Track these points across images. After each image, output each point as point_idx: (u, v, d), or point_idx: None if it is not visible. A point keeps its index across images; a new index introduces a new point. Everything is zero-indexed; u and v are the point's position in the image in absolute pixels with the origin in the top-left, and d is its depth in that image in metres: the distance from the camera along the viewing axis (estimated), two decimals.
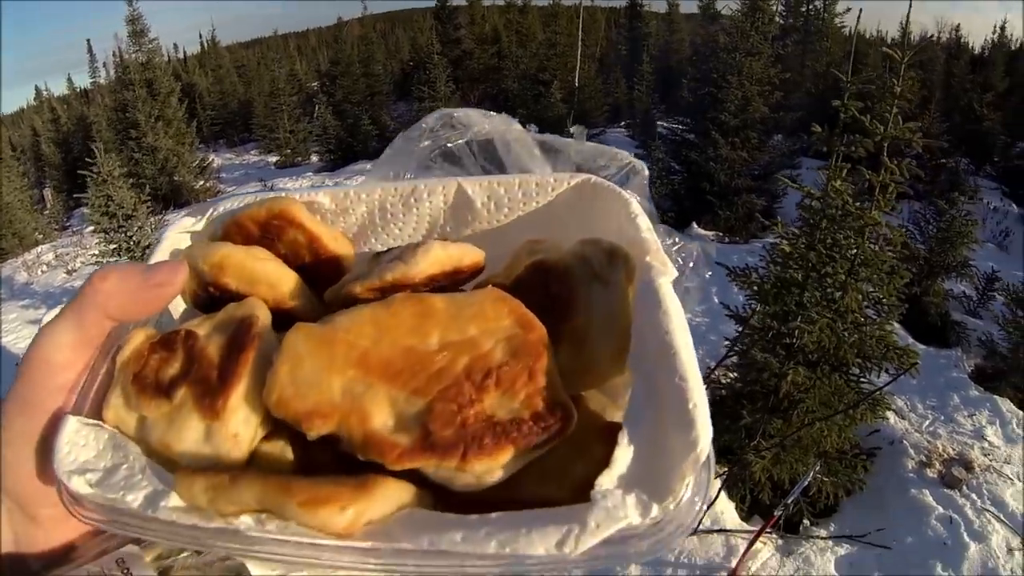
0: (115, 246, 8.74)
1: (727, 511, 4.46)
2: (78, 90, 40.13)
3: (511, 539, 0.34)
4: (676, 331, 0.40)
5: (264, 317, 0.46)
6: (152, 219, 9.68)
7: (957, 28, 27.21)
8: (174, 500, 0.39)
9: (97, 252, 9.24)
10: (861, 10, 5.15)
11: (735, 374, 4.83)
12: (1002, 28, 23.73)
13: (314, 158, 20.85)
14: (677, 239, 0.51)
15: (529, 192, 0.52)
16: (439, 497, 0.40)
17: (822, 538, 4.30)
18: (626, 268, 0.46)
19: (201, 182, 18.67)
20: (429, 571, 0.35)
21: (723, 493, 4.44)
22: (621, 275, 0.45)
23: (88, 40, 31.17)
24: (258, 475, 0.39)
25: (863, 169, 4.00)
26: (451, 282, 0.48)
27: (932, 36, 25.44)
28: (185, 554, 0.46)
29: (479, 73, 24.22)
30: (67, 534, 0.48)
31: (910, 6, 4.85)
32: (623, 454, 0.36)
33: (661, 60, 22.18)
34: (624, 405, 0.42)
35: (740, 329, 4.50)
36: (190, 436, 0.43)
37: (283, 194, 0.53)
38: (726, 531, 4.27)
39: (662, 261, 0.45)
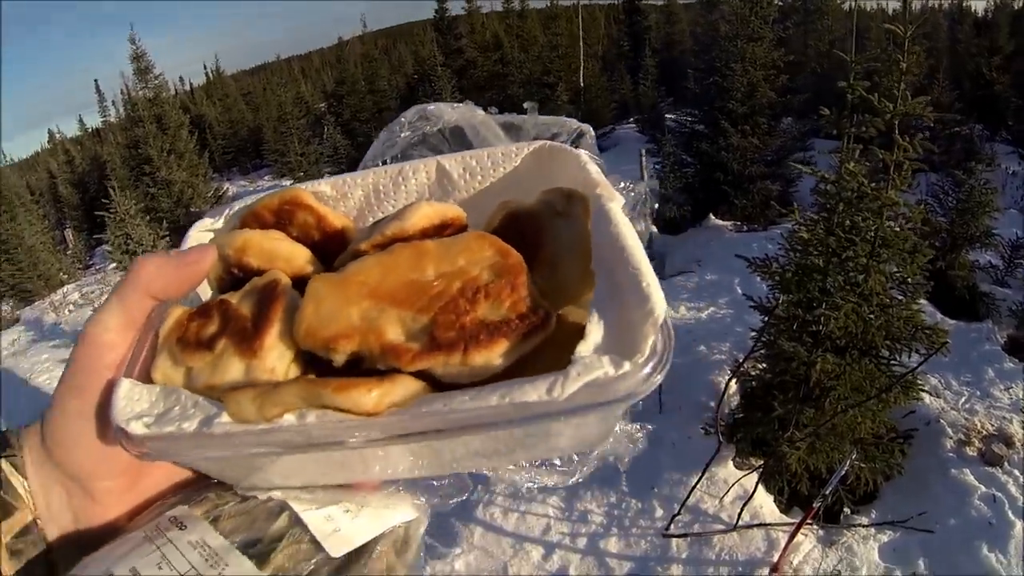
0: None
1: (766, 504, 4.40)
2: (90, 130, 40.81)
3: (509, 391, 0.41)
4: (627, 237, 0.49)
5: (285, 279, 0.54)
6: (172, 252, 9.77)
7: None
8: (225, 418, 0.45)
9: None
10: None
11: (764, 365, 4.78)
12: None
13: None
14: (628, 183, 0.58)
15: (496, 161, 0.62)
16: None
17: (863, 526, 4.23)
18: (583, 204, 0.54)
19: None
20: (446, 424, 0.43)
21: (760, 487, 4.39)
22: (579, 209, 0.54)
23: (96, 80, 31.65)
24: (297, 379, 0.47)
25: (876, 149, 3.95)
26: (439, 235, 0.55)
27: (933, 4, 25.16)
28: (230, 504, 0.50)
29: (484, 81, 24.25)
30: (123, 507, 0.53)
31: None
32: (595, 329, 0.43)
33: (664, 53, 22.17)
34: None
35: (765, 320, 4.45)
36: (232, 375, 0.48)
37: (289, 184, 0.63)
38: (766, 525, 4.22)
39: (609, 191, 0.54)
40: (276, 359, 0.49)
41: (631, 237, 0.49)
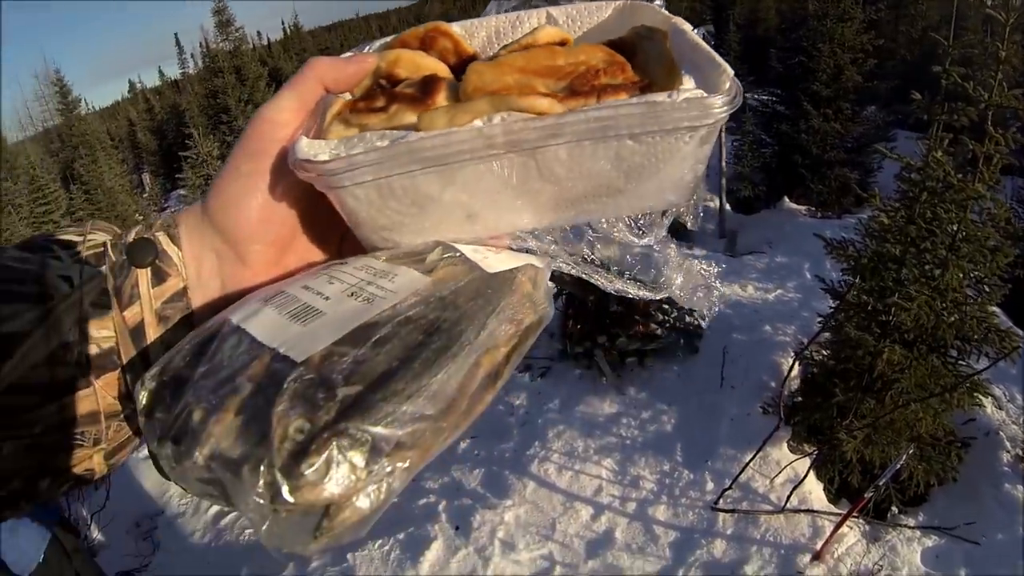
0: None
1: (815, 491, 4.38)
2: (169, 80, 41.87)
3: (642, 97, 0.51)
4: (698, 40, 0.60)
5: (445, 68, 0.61)
6: None
7: None
8: (416, 135, 0.49)
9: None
10: None
11: (827, 351, 4.72)
12: None
13: None
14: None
15: (592, 11, 0.73)
16: None
17: (910, 527, 4.17)
18: (662, 32, 0.62)
19: None
20: (599, 120, 0.50)
21: (812, 473, 4.37)
22: (660, 35, 0.62)
23: (175, 34, 32.51)
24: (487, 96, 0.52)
25: (966, 139, 3.82)
26: None
27: None
28: (382, 253, 0.56)
29: None
30: (269, 275, 0.57)
31: None
32: (688, 81, 0.53)
33: (747, 29, 21.47)
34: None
35: (834, 305, 4.38)
36: (409, 121, 0.53)
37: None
38: (813, 511, 4.20)
39: (679, 20, 0.65)
40: None
41: (702, 42, 0.59)
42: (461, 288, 0.49)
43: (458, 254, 0.53)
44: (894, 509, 4.33)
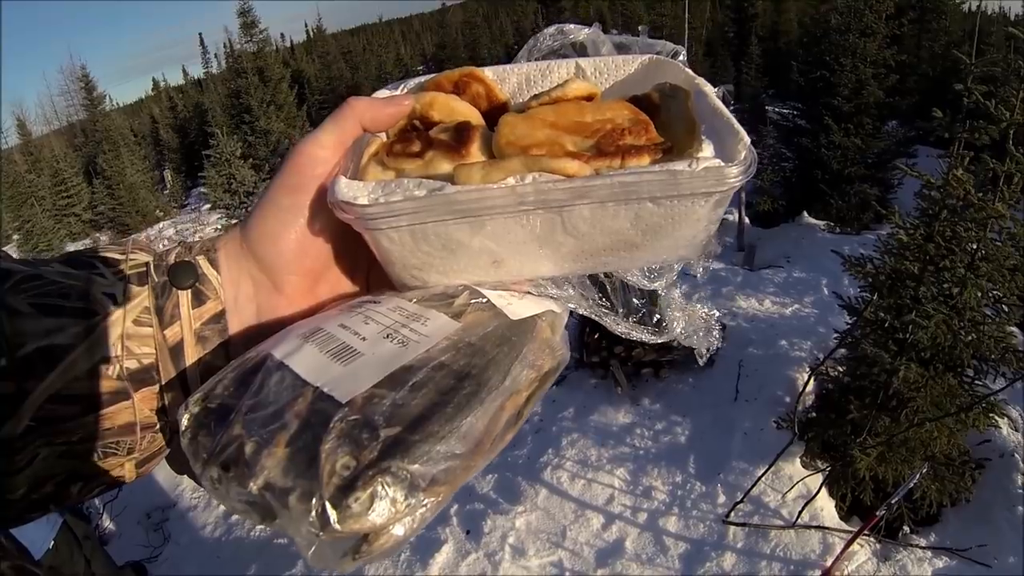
0: (236, 222, 9.18)
1: (827, 508, 4.37)
2: (192, 79, 42.27)
3: (664, 164, 0.54)
4: (720, 106, 0.62)
5: (478, 117, 0.64)
6: None
7: None
8: (452, 188, 0.52)
9: (220, 226, 9.78)
10: None
11: (843, 368, 4.70)
12: None
13: None
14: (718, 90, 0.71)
15: (619, 65, 0.76)
16: None
17: (921, 547, 4.14)
18: (685, 91, 0.65)
19: None
20: (623, 185, 0.53)
21: (824, 489, 4.35)
22: (683, 95, 0.64)
23: (200, 34, 32.91)
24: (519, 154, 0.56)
25: (987, 157, 3.81)
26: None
27: None
28: (412, 294, 0.59)
29: None
30: (303, 305, 0.60)
31: None
32: (706, 148, 0.55)
33: (769, 42, 21.43)
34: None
35: (850, 321, 4.37)
36: (445, 171, 0.57)
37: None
38: (824, 528, 4.19)
39: (703, 82, 0.67)
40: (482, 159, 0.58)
41: (722, 106, 0.62)
42: (488, 334, 0.53)
43: (484, 300, 0.57)
44: (906, 528, 4.30)
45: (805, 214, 10.28)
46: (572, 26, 0.82)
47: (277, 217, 0.57)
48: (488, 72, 0.73)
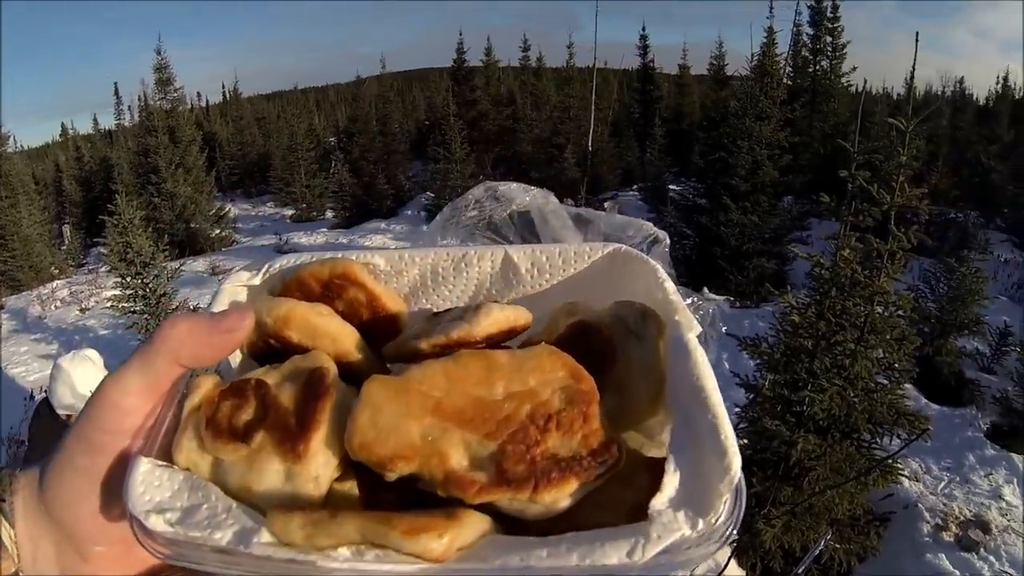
0: (131, 292, 8.80)
1: None
2: (102, 130, 40.92)
3: (589, 552, 0.40)
4: (704, 377, 0.47)
5: (333, 369, 0.50)
6: (168, 266, 9.77)
7: (961, 81, 27.96)
8: (265, 537, 0.42)
9: (112, 295, 9.29)
10: (865, 80, 5.23)
11: (745, 441, 4.81)
12: (1004, 79, 24.26)
13: (329, 214, 21.00)
14: (695, 299, 0.58)
15: (568, 259, 0.59)
16: (510, 526, 0.45)
17: None
18: (657, 325, 0.52)
19: (217, 231, 18.89)
20: None
21: (733, 561, 4.37)
22: (653, 331, 0.52)
23: (116, 83, 32.03)
24: (356, 511, 0.43)
25: (871, 238, 4.06)
26: (504, 340, 0.53)
27: (937, 91, 25.81)
28: None
29: (494, 135, 24.51)
30: (121, 570, 0.49)
31: (912, 72, 4.87)
32: (671, 480, 0.42)
33: (673, 123, 22.48)
34: (660, 442, 0.51)
35: (750, 397, 4.50)
36: (271, 478, 0.45)
37: (340, 255, 0.58)
38: None
39: (688, 319, 0.52)
40: (321, 466, 0.46)
41: (709, 378, 0.47)
42: None
43: None
44: None
45: (706, 290, 10.66)
46: (509, 188, 0.64)
47: (73, 482, 0.47)
48: (378, 258, 0.59)
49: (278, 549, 0.41)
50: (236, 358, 0.59)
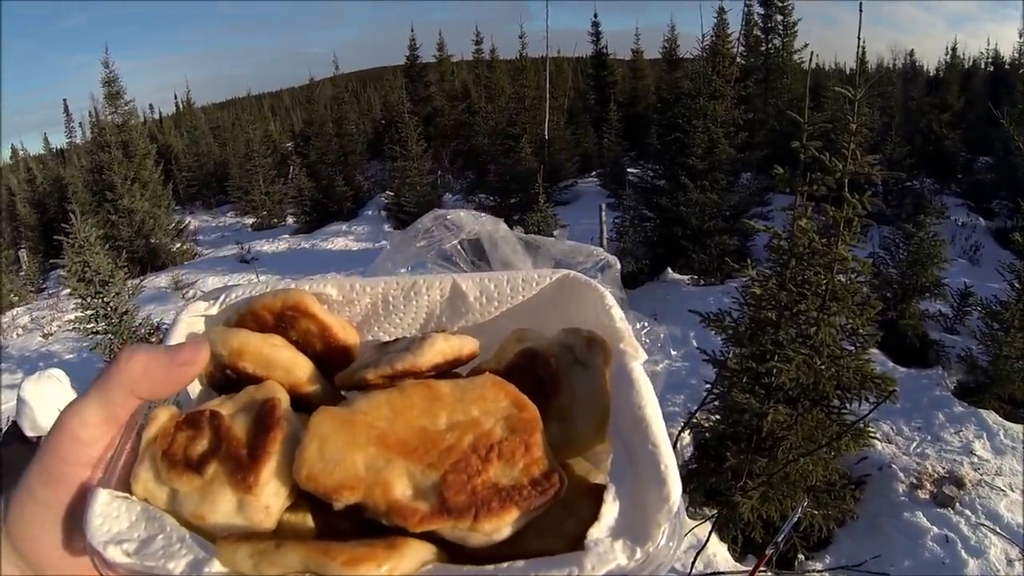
0: (92, 312, 8.65)
1: (719, 553, 4.44)
2: (54, 150, 40.01)
3: None
4: (647, 406, 0.48)
5: (285, 400, 0.51)
6: (129, 283, 9.60)
7: (911, 53, 28.95)
8: (217, 567, 0.43)
9: (74, 318, 9.13)
10: (813, 52, 5.33)
11: (717, 417, 4.87)
12: (953, 49, 24.96)
13: (290, 220, 20.89)
14: (645, 323, 0.59)
15: (516, 287, 0.60)
16: (454, 553, 0.45)
17: (818, 571, 4.29)
18: (603, 353, 0.53)
19: (178, 244, 18.65)
20: None
21: (714, 535, 4.42)
22: (599, 359, 0.52)
23: (65, 100, 31.32)
24: (300, 541, 0.44)
25: (826, 206, 4.12)
26: (451, 369, 0.54)
27: (888, 64, 26.47)
28: None
29: (450, 130, 24.53)
30: None
31: (860, 41, 4.97)
32: (609, 509, 0.43)
33: (628, 107, 22.68)
34: (605, 469, 0.50)
35: (719, 372, 4.55)
36: (223, 508, 0.46)
37: (293, 285, 0.59)
38: (720, 573, 4.24)
39: (634, 347, 0.53)
40: (271, 496, 0.47)
41: (652, 405, 0.48)
42: None
43: None
44: (800, 557, 4.45)
45: (669, 270, 10.78)
46: (457, 215, 0.66)
47: (35, 515, 0.47)
48: (330, 288, 0.60)
49: None
50: (195, 387, 0.59)
